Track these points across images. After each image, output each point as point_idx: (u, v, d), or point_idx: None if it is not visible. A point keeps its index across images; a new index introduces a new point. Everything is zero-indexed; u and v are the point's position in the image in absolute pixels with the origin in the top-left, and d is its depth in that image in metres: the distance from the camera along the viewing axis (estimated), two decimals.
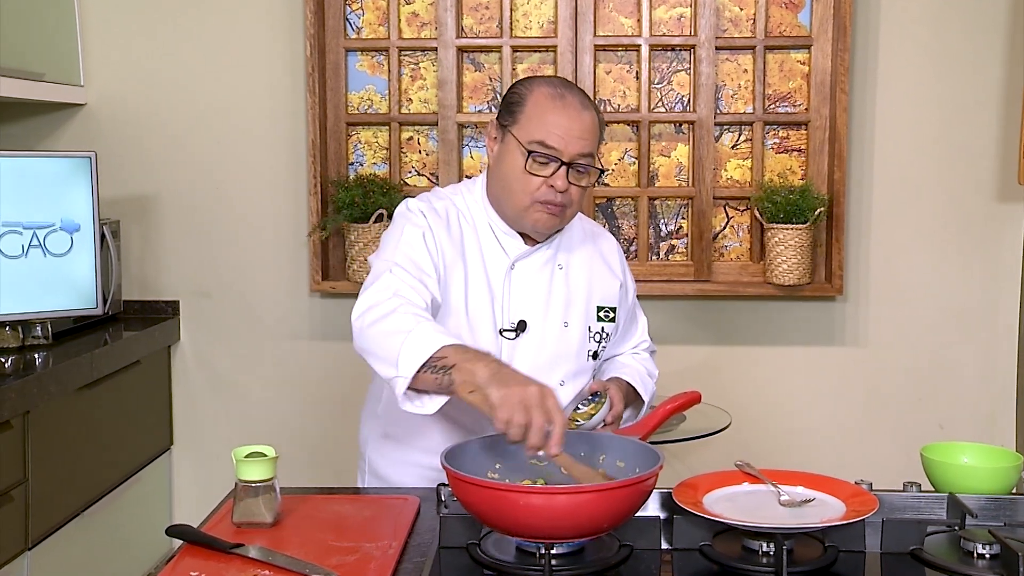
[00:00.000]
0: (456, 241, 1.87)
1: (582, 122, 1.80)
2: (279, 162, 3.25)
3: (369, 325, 1.68)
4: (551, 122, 1.78)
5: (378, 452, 2.00)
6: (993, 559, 1.50)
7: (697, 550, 1.52)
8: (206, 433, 3.34)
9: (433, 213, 1.87)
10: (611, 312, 1.98)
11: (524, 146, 1.79)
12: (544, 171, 1.79)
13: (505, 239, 1.90)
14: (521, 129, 1.81)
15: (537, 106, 1.80)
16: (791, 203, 3.05)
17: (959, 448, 1.80)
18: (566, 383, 1.91)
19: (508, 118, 1.84)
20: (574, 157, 1.79)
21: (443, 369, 1.55)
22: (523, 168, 1.80)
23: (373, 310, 1.69)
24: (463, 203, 1.92)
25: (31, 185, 2.69)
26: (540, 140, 1.78)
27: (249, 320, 3.31)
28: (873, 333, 3.23)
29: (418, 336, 1.60)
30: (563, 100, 1.80)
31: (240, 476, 1.60)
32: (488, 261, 1.89)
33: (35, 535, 2.50)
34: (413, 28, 3.24)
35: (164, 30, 3.23)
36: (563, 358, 1.91)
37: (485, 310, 1.86)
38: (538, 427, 1.45)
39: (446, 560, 1.52)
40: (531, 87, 1.84)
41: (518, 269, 1.90)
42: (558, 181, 1.79)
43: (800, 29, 3.19)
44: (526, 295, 1.89)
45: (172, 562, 1.49)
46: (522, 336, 1.88)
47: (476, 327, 1.85)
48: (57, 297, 2.74)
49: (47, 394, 2.52)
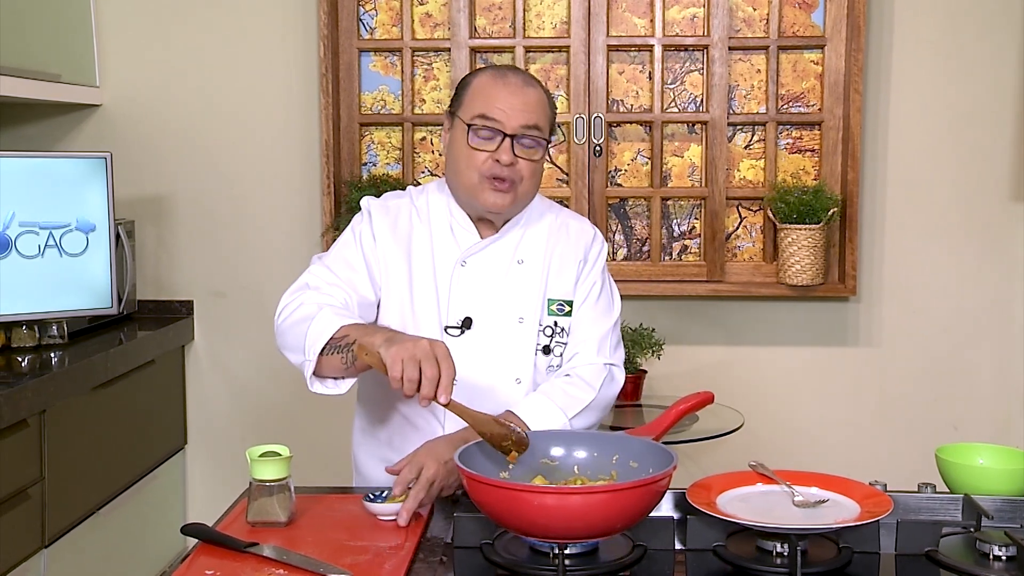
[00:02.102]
0: (402, 238, 1.90)
1: (525, 96, 1.83)
2: (293, 162, 3.26)
3: (282, 322, 1.80)
4: (491, 95, 1.83)
5: (362, 449, 2.01)
6: (1009, 561, 1.49)
7: (711, 551, 1.52)
8: (220, 432, 3.35)
9: (382, 211, 1.92)
10: (565, 305, 1.92)
11: (466, 123, 1.83)
12: (488, 146, 1.82)
13: (462, 234, 1.90)
14: (464, 109, 1.85)
15: (480, 86, 1.86)
16: (804, 203, 3.05)
17: (974, 449, 1.79)
18: (522, 380, 1.88)
19: (455, 104, 1.89)
20: (517, 130, 1.81)
21: (346, 347, 1.66)
22: (467, 144, 1.82)
23: (286, 308, 1.81)
24: (424, 201, 1.94)
25: (47, 185, 2.70)
26: (481, 113, 1.82)
27: (263, 320, 3.29)
28: (887, 334, 3.22)
29: (320, 320, 1.70)
30: (504, 78, 1.85)
31: (254, 475, 1.61)
32: (438, 258, 1.89)
33: (52, 533, 2.51)
34: (426, 29, 3.25)
35: (179, 31, 3.24)
36: (517, 355, 1.88)
37: (430, 307, 1.87)
38: (430, 377, 1.52)
39: (459, 560, 1.52)
40: (477, 74, 1.90)
41: (469, 265, 1.89)
42: (503, 155, 1.81)
43: (813, 29, 3.18)
44: (475, 292, 1.88)
45: (187, 560, 1.50)
46: (467, 333, 1.87)
47: (420, 324, 1.86)
48: (72, 297, 2.75)
49: (63, 393, 2.53)
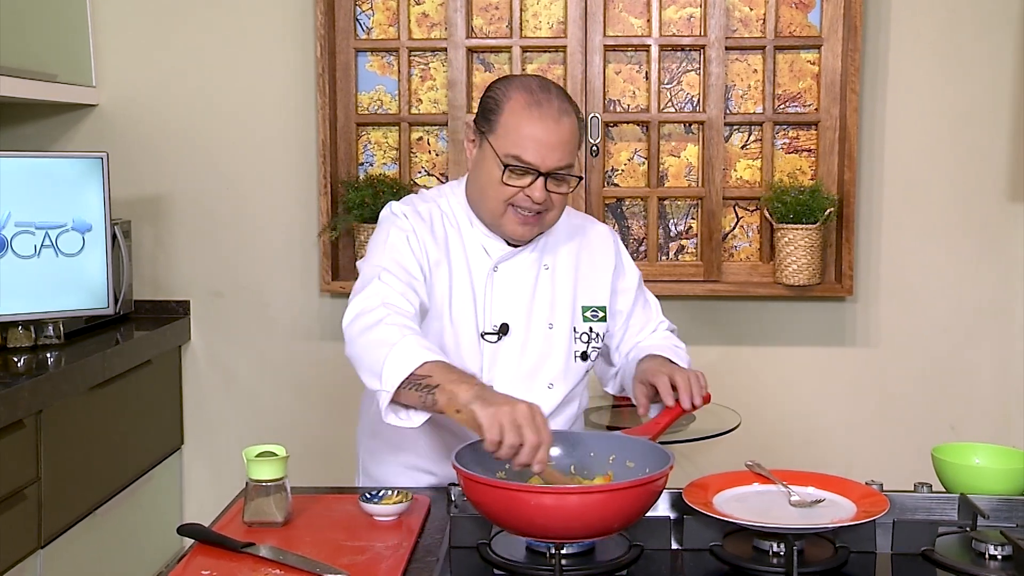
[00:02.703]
0: (440, 243, 1.85)
1: (559, 133, 1.75)
2: (289, 162, 3.25)
3: (359, 334, 1.67)
4: (527, 135, 1.74)
5: (367, 450, 1.99)
6: (1005, 560, 1.49)
7: (707, 550, 1.52)
8: (217, 432, 3.34)
9: (417, 216, 1.86)
10: (599, 311, 1.93)
11: (500, 159, 1.76)
12: (521, 182, 1.77)
13: (488, 241, 1.87)
14: (498, 140, 1.77)
15: (513, 115, 1.76)
16: (801, 203, 3.04)
17: (971, 449, 1.80)
18: (555, 385, 1.89)
19: (485, 124, 1.80)
20: (551, 169, 1.76)
21: (427, 388, 1.54)
22: (499, 180, 1.77)
23: (361, 318, 1.69)
24: (447, 205, 1.90)
25: (43, 185, 2.70)
26: (516, 155, 1.75)
27: (259, 320, 3.32)
28: (884, 334, 3.22)
29: (401, 350, 1.58)
30: (539, 109, 1.75)
31: (251, 475, 1.61)
32: (472, 263, 1.86)
33: (47, 533, 2.50)
34: (423, 28, 3.24)
35: (175, 31, 3.23)
36: (549, 361, 1.89)
37: (468, 313, 1.84)
38: (531, 446, 1.44)
39: (456, 560, 1.52)
40: (508, 92, 1.79)
41: (501, 271, 1.87)
42: (535, 193, 1.76)
43: (810, 29, 3.18)
44: (509, 297, 1.87)
45: (183, 561, 1.50)
46: (504, 339, 1.86)
47: (459, 330, 1.84)
48: (69, 297, 2.74)
49: (59, 393, 2.52)
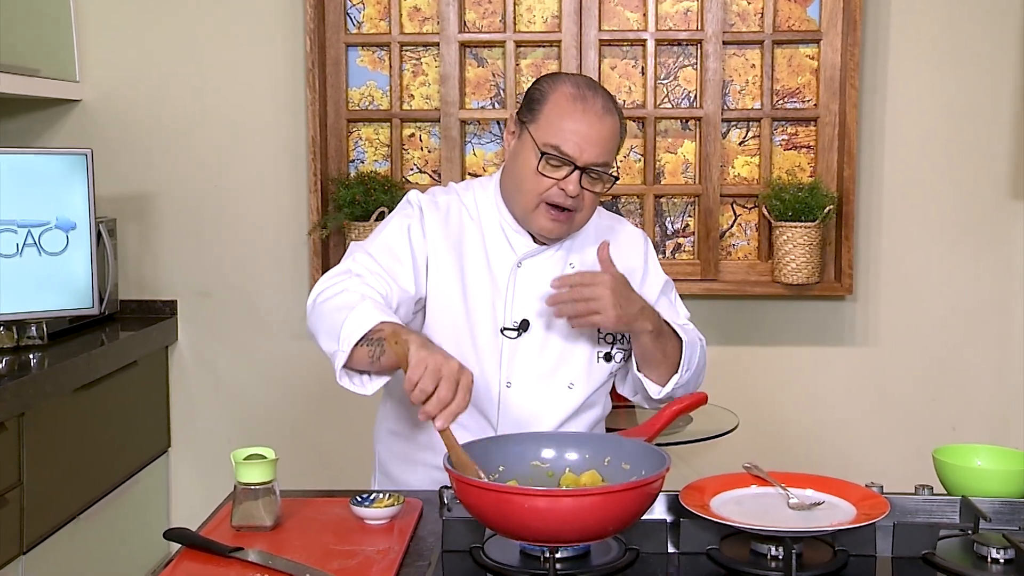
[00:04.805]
0: (453, 236, 1.86)
1: (601, 129, 1.77)
2: (279, 159, 3.22)
3: (320, 303, 1.73)
4: (569, 128, 1.76)
5: (387, 448, 1.98)
6: (1008, 564, 1.48)
7: (704, 554, 1.51)
8: (204, 435, 3.31)
9: (432, 206, 1.88)
10: None
11: (539, 147, 1.78)
12: (556, 173, 1.78)
13: (515, 237, 1.88)
14: (539, 129, 1.78)
15: (557, 107, 1.78)
16: (800, 201, 3.03)
17: (972, 450, 1.78)
18: (575, 386, 1.88)
19: (528, 115, 1.82)
20: (588, 164, 1.77)
21: (377, 341, 1.60)
22: (535, 169, 1.78)
23: (326, 291, 1.74)
24: (471, 200, 1.91)
25: (26, 183, 2.67)
26: (555, 145, 1.77)
27: (248, 320, 3.29)
28: (883, 333, 3.20)
29: (361, 311, 1.64)
30: (584, 103, 1.77)
31: (239, 479, 1.59)
32: (493, 258, 1.87)
33: (30, 539, 2.48)
34: (415, 23, 3.21)
35: (161, 25, 3.20)
36: (571, 360, 1.88)
37: (485, 307, 1.85)
38: (441, 399, 1.48)
39: (449, 564, 1.51)
40: (555, 84, 1.81)
41: (525, 267, 1.87)
42: (569, 186, 1.77)
43: (809, 23, 3.15)
44: (532, 294, 1.86)
45: (170, 566, 1.48)
46: (524, 336, 1.85)
47: (475, 324, 1.84)
48: (53, 297, 2.71)
49: (43, 395, 2.50)
